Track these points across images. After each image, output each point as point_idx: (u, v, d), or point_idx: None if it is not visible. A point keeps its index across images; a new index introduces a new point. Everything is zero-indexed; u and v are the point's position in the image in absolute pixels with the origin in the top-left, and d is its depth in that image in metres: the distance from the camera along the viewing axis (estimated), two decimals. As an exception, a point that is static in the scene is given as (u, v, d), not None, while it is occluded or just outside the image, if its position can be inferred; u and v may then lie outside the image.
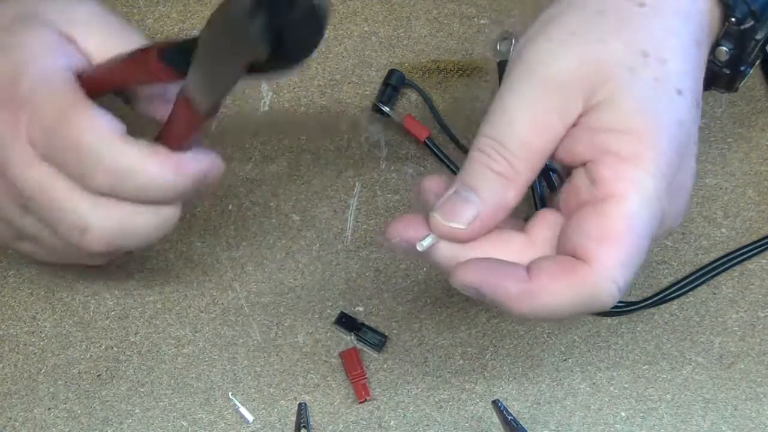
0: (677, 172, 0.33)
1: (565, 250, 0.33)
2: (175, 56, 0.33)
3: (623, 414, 0.46)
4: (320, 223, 0.49)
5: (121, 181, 0.34)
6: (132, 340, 0.47)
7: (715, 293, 0.49)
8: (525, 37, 0.35)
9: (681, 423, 0.46)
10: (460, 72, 0.52)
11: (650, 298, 0.48)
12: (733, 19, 0.34)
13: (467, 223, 0.33)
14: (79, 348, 0.47)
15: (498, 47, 0.52)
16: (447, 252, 0.34)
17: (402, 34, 0.53)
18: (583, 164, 0.33)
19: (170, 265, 0.49)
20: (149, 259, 0.49)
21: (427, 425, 0.46)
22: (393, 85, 0.51)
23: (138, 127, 0.36)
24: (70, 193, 0.34)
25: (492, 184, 0.33)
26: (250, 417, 0.46)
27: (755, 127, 0.52)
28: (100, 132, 0.34)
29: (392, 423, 0.46)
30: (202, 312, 0.48)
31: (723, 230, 0.50)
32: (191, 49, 0.32)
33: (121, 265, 0.49)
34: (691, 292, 0.49)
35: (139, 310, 0.48)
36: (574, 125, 0.33)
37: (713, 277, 0.49)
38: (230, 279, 0.48)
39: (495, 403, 0.41)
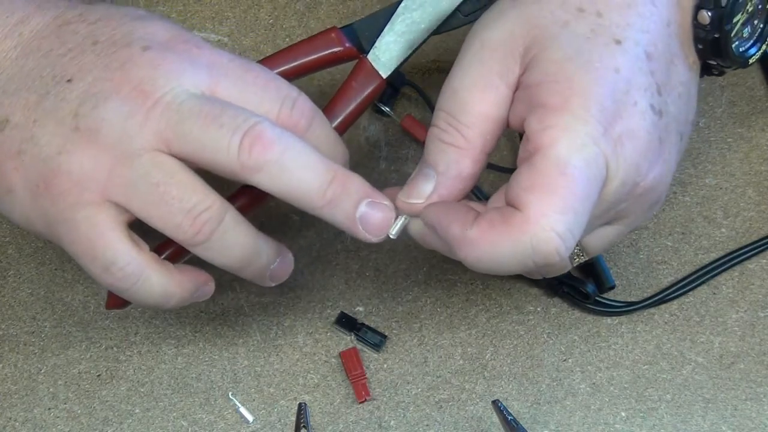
0: (616, 119, 0.32)
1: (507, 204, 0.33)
2: (353, 35, 0.39)
3: (623, 414, 0.46)
4: (320, 223, 0.49)
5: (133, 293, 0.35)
6: (132, 340, 0.47)
7: (715, 293, 0.49)
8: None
9: (681, 423, 0.46)
10: (460, 72, 0.52)
11: (650, 298, 0.48)
12: None
13: (426, 197, 0.35)
14: (79, 348, 0.47)
15: None
16: (417, 228, 0.36)
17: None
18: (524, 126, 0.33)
19: (170, 265, 0.49)
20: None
21: (427, 425, 0.46)
22: (393, 85, 0.51)
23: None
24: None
25: (446, 156, 0.34)
26: (250, 417, 0.46)
27: (755, 127, 0.52)
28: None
29: (392, 423, 0.46)
30: (202, 312, 0.48)
31: (723, 230, 0.50)
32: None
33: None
34: (691, 292, 0.49)
35: (139, 310, 0.48)
36: (517, 89, 0.34)
37: (713, 277, 0.49)
38: (230, 279, 0.48)
39: (495, 403, 0.41)
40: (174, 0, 0.53)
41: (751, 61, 0.37)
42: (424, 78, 0.52)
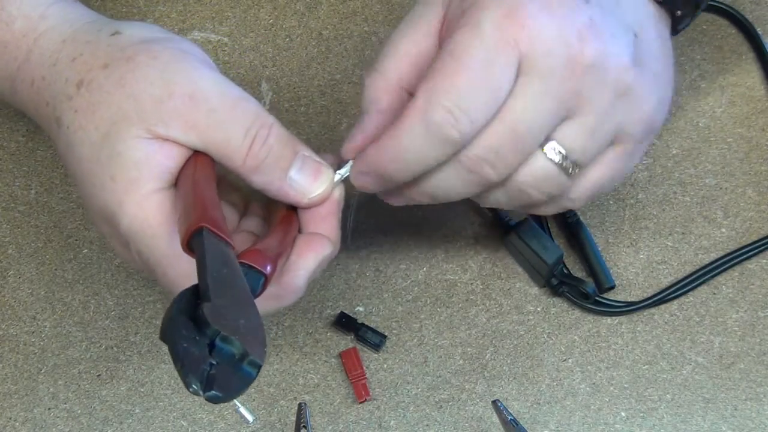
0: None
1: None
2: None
3: (623, 414, 0.46)
4: (320, 223, 0.49)
5: None
6: (132, 340, 0.47)
7: (715, 293, 0.49)
8: None
9: (681, 423, 0.46)
10: (460, 72, 0.52)
11: (650, 298, 0.48)
12: None
13: (361, 140, 0.37)
14: (79, 348, 0.47)
15: None
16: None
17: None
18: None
19: (170, 265, 0.49)
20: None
21: (427, 425, 0.46)
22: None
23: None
24: None
25: (367, 95, 0.37)
26: (250, 417, 0.46)
27: (755, 127, 0.52)
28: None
29: (392, 423, 0.46)
30: (202, 312, 0.48)
31: (723, 230, 0.50)
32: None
33: (120, 265, 0.49)
34: (691, 292, 0.49)
35: (139, 310, 0.48)
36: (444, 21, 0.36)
37: (713, 277, 0.49)
38: (230, 279, 0.48)
39: (495, 403, 0.41)
40: (174, 0, 0.53)
41: (702, 5, 0.38)
42: (424, 78, 0.52)
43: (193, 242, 0.34)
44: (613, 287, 0.48)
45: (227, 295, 0.31)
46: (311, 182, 0.37)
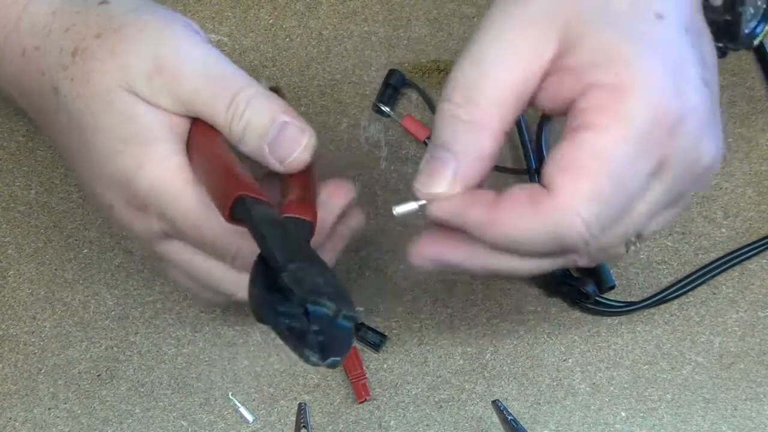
0: (676, 98, 0.30)
1: (541, 183, 0.32)
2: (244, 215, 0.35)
3: (623, 414, 0.46)
4: (320, 223, 0.49)
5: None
6: (132, 340, 0.47)
7: (715, 293, 0.49)
8: None
9: (681, 423, 0.46)
10: (460, 72, 0.52)
11: (650, 298, 0.48)
12: None
13: (448, 186, 0.32)
14: (79, 348, 0.47)
15: None
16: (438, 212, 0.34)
17: (402, 34, 0.53)
18: (570, 107, 0.32)
19: (170, 265, 0.49)
20: (149, 259, 0.49)
21: (427, 425, 0.46)
22: (393, 85, 0.51)
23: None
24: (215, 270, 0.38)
25: (464, 135, 0.32)
26: (250, 417, 0.46)
27: (755, 127, 0.52)
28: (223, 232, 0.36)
29: (392, 423, 0.46)
30: (202, 312, 0.48)
31: (723, 230, 0.50)
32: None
33: (120, 265, 0.49)
34: (691, 292, 0.49)
35: (139, 310, 0.48)
36: (554, 70, 0.32)
37: (713, 277, 0.49)
38: (230, 279, 0.48)
39: (495, 403, 0.41)
40: (174, 0, 0.53)
41: (755, 41, 0.36)
42: (424, 78, 0.52)
43: (236, 212, 0.34)
44: (613, 287, 0.48)
45: (294, 256, 0.32)
46: (287, 149, 0.37)
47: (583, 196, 0.30)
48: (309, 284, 0.31)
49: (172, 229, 0.36)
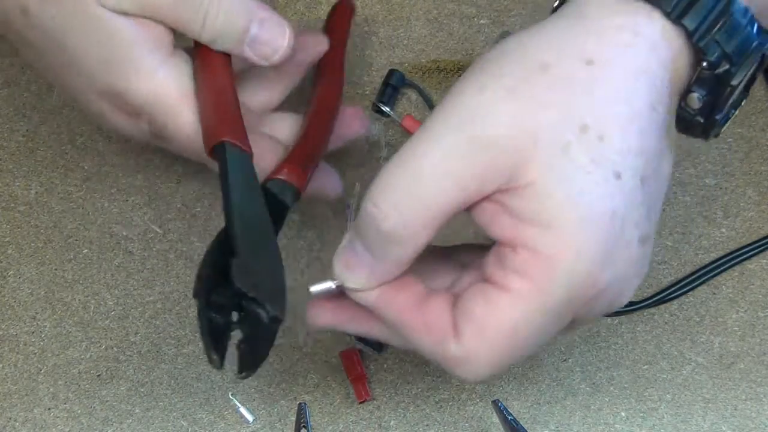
0: (603, 271, 0.29)
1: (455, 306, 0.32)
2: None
3: (623, 414, 0.46)
4: (320, 223, 0.49)
5: None
6: (132, 340, 0.47)
7: (715, 293, 0.49)
8: (459, 81, 0.31)
9: (681, 423, 0.46)
10: (460, 72, 0.52)
11: (650, 298, 0.48)
12: (705, 64, 0.30)
13: (363, 284, 0.32)
14: (79, 348, 0.47)
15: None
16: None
17: (402, 34, 0.53)
18: (498, 244, 0.31)
19: (170, 265, 0.49)
20: (149, 259, 0.49)
21: (427, 425, 0.46)
22: (393, 85, 0.51)
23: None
24: None
25: (385, 245, 0.30)
26: (250, 417, 0.46)
27: (755, 127, 0.52)
28: None
29: (392, 423, 0.46)
30: (202, 312, 0.48)
31: (723, 230, 0.50)
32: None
33: (120, 265, 0.49)
34: (691, 292, 0.49)
35: (139, 310, 0.48)
36: (493, 200, 0.30)
37: (713, 277, 0.49)
38: (230, 279, 0.48)
39: (495, 403, 0.41)
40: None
41: (722, 129, 0.34)
42: (424, 78, 0.52)
43: (215, 153, 0.36)
44: (613, 287, 0.48)
45: (249, 241, 0.34)
46: (270, 46, 0.38)
47: (483, 359, 0.30)
48: (251, 279, 0.33)
49: (164, 134, 0.38)
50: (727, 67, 0.30)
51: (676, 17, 0.30)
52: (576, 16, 0.31)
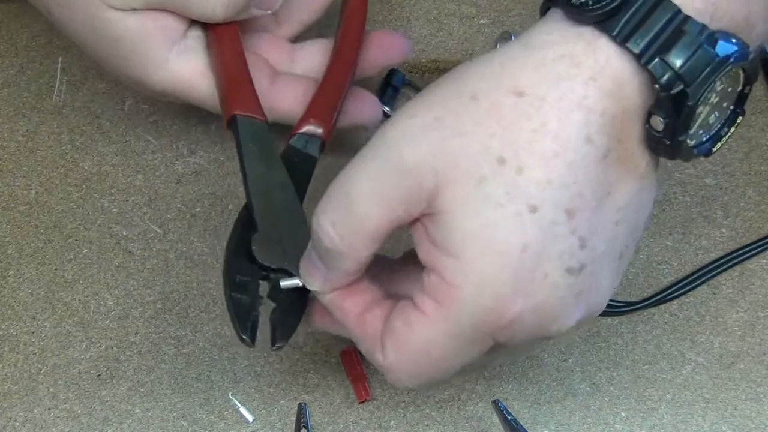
0: (514, 301, 0.29)
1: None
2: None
3: (623, 414, 0.46)
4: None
5: None
6: (132, 340, 0.47)
7: (715, 293, 0.49)
8: (399, 110, 0.32)
9: (681, 423, 0.46)
10: (460, 72, 0.52)
11: (650, 298, 0.48)
12: (657, 86, 0.29)
13: (319, 288, 0.34)
14: (79, 348, 0.47)
15: (498, 47, 0.52)
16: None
17: (402, 34, 0.53)
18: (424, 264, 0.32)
19: (170, 265, 0.49)
20: (149, 259, 0.49)
21: (427, 425, 0.46)
22: (393, 85, 0.51)
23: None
24: None
25: (331, 257, 0.32)
26: (250, 417, 0.46)
27: (755, 127, 0.52)
28: None
29: (392, 423, 0.46)
30: (202, 312, 0.48)
31: (723, 230, 0.50)
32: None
33: (120, 265, 0.49)
34: (691, 292, 0.49)
35: (139, 310, 0.48)
36: (422, 220, 0.31)
37: (713, 277, 0.49)
38: (230, 279, 0.48)
39: (495, 403, 0.41)
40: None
41: (714, 150, 0.32)
42: (424, 78, 0.52)
43: (232, 127, 0.39)
44: (613, 287, 0.48)
45: (272, 208, 0.36)
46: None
47: (403, 373, 0.32)
48: (274, 252, 0.35)
49: (193, 105, 0.43)
50: (681, 87, 0.28)
51: (621, 41, 0.29)
52: (523, 45, 0.31)
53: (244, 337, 0.35)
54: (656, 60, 0.28)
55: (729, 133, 0.32)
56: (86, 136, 0.52)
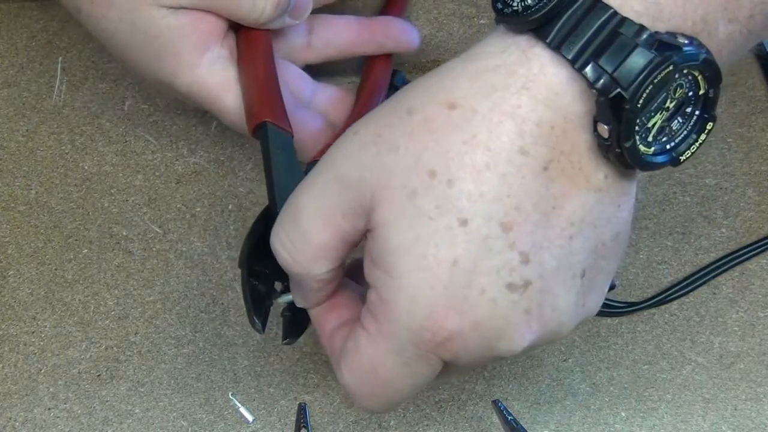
0: (449, 313, 0.29)
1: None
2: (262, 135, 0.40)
3: (623, 414, 0.46)
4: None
5: None
6: (132, 340, 0.47)
7: (715, 293, 0.49)
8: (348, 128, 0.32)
9: (681, 423, 0.46)
10: (460, 72, 0.52)
11: (650, 298, 0.48)
12: (594, 91, 0.28)
13: (300, 303, 0.35)
14: (79, 348, 0.47)
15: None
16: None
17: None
18: None
19: (170, 265, 0.49)
20: (149, 259, 0.49)
21: (427, 425, 0.46)
22: (395, 85, 0.51)
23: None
24: None
25: (295, 272, 0.32)
26: (250, 417, 0.46)
27: (755, 127, 0.52)
28: None
29: (392, 423, 0.46)
30: (202, 312, 0.48)
31: (723, 230, 0.50)
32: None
33: (120, 265, 0.49)
34: (691, 293, 0.49)
35: (139, 310, 0.48)
36: (367, 236, 0.31)
37: (713, 277, 0.49)
38: (230, 279, 0.48)
39: (495, 403, 0.41)
40: (174, 0, 0.53)
41: (683, 159, 0.31)
42: (424, 78, 0.52)
43: (257, 133, 0.39)
44: (613, 287, 0.48)
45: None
46: (301, 7, 0.44)
47: (358, 393, 0.32)
48: None
49: (211, 113, 0.43)
50: (617, 90, 0.27)
51: (554, 47, 0.28)
52: (464, 58, 0.31)
53: (256, 320, 0.35)
54: (590, 64, 0.28)
55: (699, 141, 0.30)
56: (86, 136, 0.52)
